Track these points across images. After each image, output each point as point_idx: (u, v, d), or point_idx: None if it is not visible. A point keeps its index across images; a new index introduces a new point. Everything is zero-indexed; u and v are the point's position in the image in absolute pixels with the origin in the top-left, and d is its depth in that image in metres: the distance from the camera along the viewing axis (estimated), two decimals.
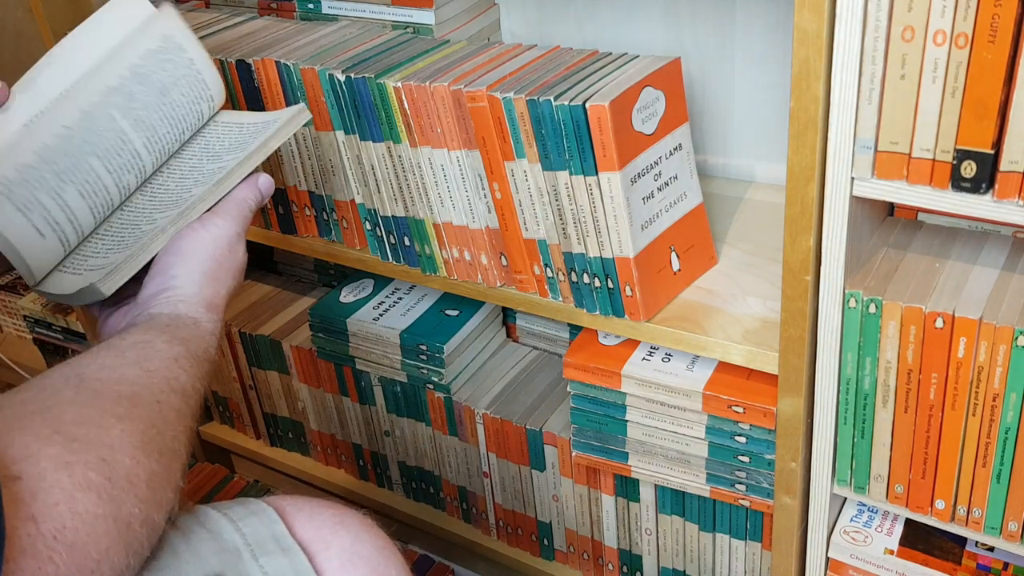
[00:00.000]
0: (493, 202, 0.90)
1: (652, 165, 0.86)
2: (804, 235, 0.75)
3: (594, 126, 0.80)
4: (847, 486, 0.85)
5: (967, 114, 0.64)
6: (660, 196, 0.88)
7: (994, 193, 0.65)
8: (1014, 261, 0.78)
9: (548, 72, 0.87)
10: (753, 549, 1.03)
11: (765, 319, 0.87)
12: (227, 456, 1.56)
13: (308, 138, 1.01)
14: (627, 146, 0.82)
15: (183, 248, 0.70)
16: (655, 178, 0.87)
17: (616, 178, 0.82)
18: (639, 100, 0.83)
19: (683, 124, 0.90)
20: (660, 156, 0.87)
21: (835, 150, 0.70)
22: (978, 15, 0.60)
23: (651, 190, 0.87)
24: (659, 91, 0.85)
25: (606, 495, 1.10)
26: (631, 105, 0.82)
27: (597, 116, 0.79)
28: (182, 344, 0.65)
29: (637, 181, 0.84)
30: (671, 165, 0.89)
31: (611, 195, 0.83)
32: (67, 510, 0.49)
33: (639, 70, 0.85)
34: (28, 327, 1.69)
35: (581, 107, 0.79)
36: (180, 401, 0.62)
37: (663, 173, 0.88)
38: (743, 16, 1.02)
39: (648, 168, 0.86)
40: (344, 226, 1.06)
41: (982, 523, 0.78)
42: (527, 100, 0.82)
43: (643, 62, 0.87)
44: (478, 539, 1.27)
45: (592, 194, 0.83)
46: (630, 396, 0.96)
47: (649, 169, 0.86)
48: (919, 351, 0.74)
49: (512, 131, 0.84)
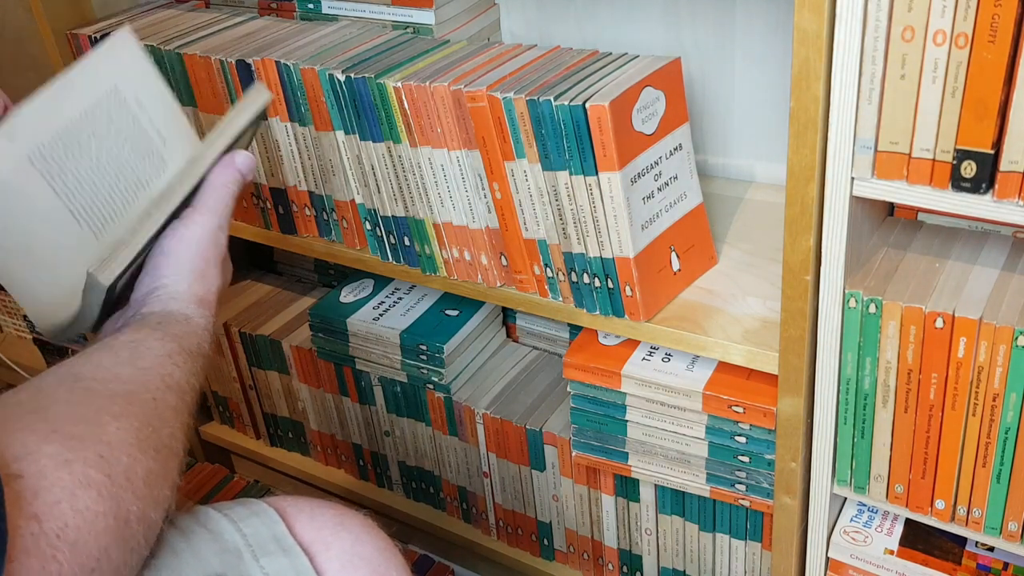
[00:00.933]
0: (493, 202, 0.90)
1: (652, 165, 0.86)
2: (804, 235, 0.75)
3: (594, 126, 0.80)
4: (847, 486, 0.85)
5: (967, 114, 0.64)
6: (660, 196, 0.88)
7: (994, 193, 0.65)
8: (1014, 261, 0.78)
9: (548, 72, 0.87)
10: (753, 549, 1.03)
11: (765, 319, 0.87)
12: (227, 456, 1.56)
13: (308, 138, 1.01)
14: (627, 146, 0.82)
15: (168, 248, 0.70)
16: (655, 178, 0.87)
17: (616, 178, 0.82)
18: (639, 100, 0.83)
19: (683, 124, 0.90)
20: (660, 156, 0.87)
21: (835, 150, 0.70)
22: (978, 15, 0.60)
23: (651, 190, 0.87)
24: (659, 91, 0.85)
25: (606, 495, 1.10)
26: (631, 105, 0.82)
27: (597, 116, 0.79)
28: (175, 341, 0.65)
29: (637, 181, 0.84)
30: (671, 165, 0.89)
31: (611, 195, 0.83)
32: (68, 508, 0.48)
33: (639, 70, 0.85)
34: (28, 327, 1.69)
35: (581, 107, 0.79)
36: (175, 398, 0.62)
37: (663, 173, 0.88)
38: (743, 16, 1.02)
39: (648, 168, 0.86)
40: (344, 226, 1.06)
41: (982, 523, 0.79)
42: (527, 100, 0.82)
43: (643, 62, 0.87)
44: (478, 539, 1.27)
45: (592, 194, 0.83)
46: (630, 396, 0.96)
47: (649, 169, 0.86)
48: (919, 351, 0.74)
49: (512, 131, 0.84)
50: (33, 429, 0.51)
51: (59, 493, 0.49)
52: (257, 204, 1.11)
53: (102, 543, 0.50)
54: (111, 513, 0.51)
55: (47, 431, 0.51)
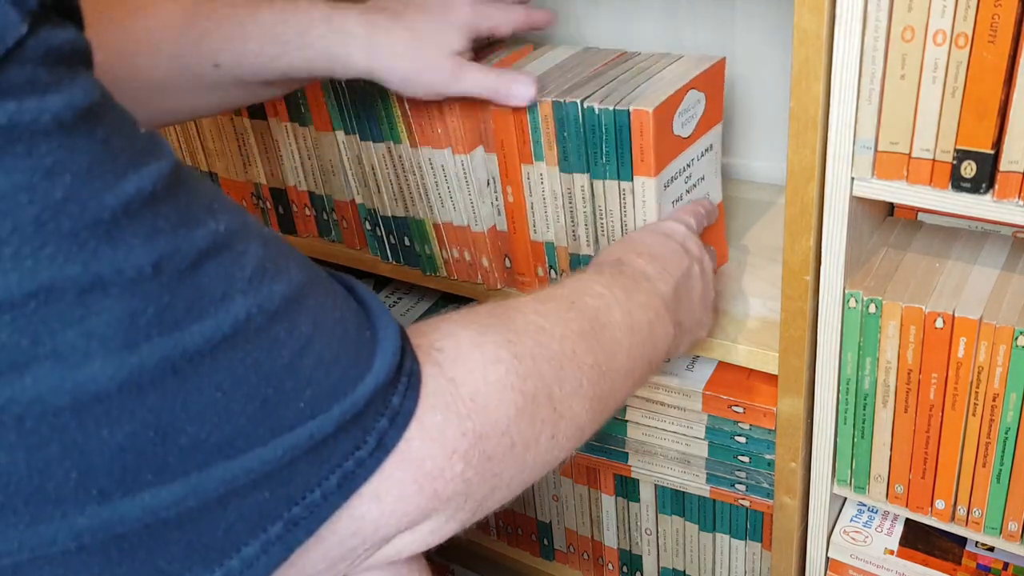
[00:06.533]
0: (504, 204, 0.90)
1: (685, 168, 0.85)
2: (804, 235, 0.75)
3: (635, 131, 0.78)
4: (847, 486, 0.85)
5: (967, 114, 0.64)
6: (687, 198, 0.87)
7: (994, 193, 0.65)
8: (1014, 261, 0.78)
9: (577, 73, 0.85)
10: (753, 549, 1.03)
11: (765, 319, 0.87)
12: None
13: (308, 138, 1.01)
14: (665, 151, 0.80)
15: None
16: (686, 180, 0.86)
17: (651, 183, 0.80)
18: (682, 104, 0.81)
19: (717, 124, 0.88)
20: (693, 158, 0.86)
21: (835, 150, 0.70)
22: (978, 15, 0.60)
23: (680, 193, 0.85)
24: (702, 93, 0.83)
25: (606, 495, 1.10)
26: (674, 109, 0.80)
27: (640, 121, 0.77)
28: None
29: (670, 185, 0.83)
30: (701, 166, 0.87)
31: (643, 199, 0.81)
32: (480, 378, 0.53)
33: (683, 72, 0.82)
34: None
35: (625, 112, 0.77)
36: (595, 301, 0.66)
37: (693, 175, 0.86)
38: (743, 16, 1.02)
39: (681, 171, 0.84)
40: (344, 226, 1.06)
41: (982, 523, 0.79)
42: (553, 102, 0.80)
43: (688, 63, 0.84)
44: (478, 539, 1.27)
45: (624, 199, 0.82)
46: (629, 396, 0.96)
47: (682, 172, 0.84)
48: (919, 351, 0.74)
49: (533, 133, 0.83)
50: (455, 320, 0.57)
51: (473, 364, 0.53)
52: (257, 204, 1.11)
53: (510, 412, 0.54)
54: (517, 387, 0.54)
55: (467, 322, 0.57)
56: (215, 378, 0.41)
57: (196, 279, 0.40)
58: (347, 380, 0.46)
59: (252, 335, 0.42)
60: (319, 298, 0.47)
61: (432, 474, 0.50)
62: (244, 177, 1.09)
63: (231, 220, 0.43)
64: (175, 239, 0.40)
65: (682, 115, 0.81)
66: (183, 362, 0.40)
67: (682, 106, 0.81)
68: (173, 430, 0.40)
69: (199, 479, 0.41)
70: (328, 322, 0.47)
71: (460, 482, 0.51)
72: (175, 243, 0.40)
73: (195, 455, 0.41)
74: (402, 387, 0.49)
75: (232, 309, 0.41)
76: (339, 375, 0.46)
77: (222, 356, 0.41)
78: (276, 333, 0.43)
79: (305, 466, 0.45)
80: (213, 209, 0.43)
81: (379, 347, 0.49)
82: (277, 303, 0.44)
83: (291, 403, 0.44)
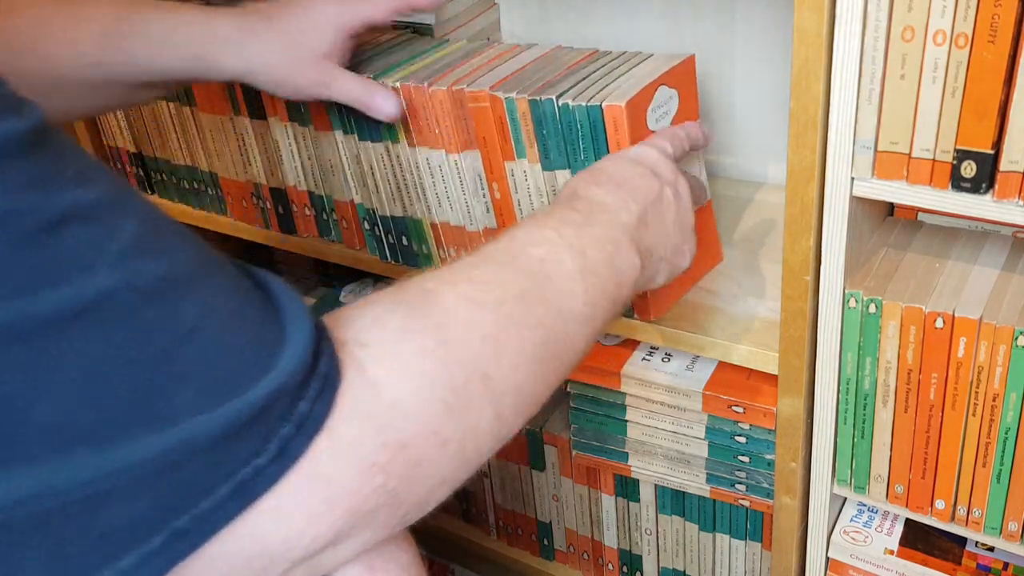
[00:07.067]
0: (492, 202, 0.90)
1: None
2: (804, 235, 0.75)
3: (610, 126, 0.79)
4: (847, 486, 0.85)
5: (967, 114, 0.64)
6: None
7: (994, 193, 0.65)
8: (1014, 261, 0.78)
9: (549, 72, 0.86)
10: (753, 549, 1.03)
11: (765, 319, 0.87)
12: None
13: (308, 138, 1.01)
14: None
15: None
16: None
17: None
18: (654, 99, 0.82)
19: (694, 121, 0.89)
20: None
21: (835, 150, 0.70)
22: (978, 15, 0.60)
23: None
24: (673, 89, 0.84)
25: (606, 495, 1.10)
26: (646, 104, 0.81)
27: (613, 116, 0.78)
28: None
29: None
30: (682, 163, 0.88)
31: None
32: (405, 377, 0.49)
33: (653, 68, 0.84)
34: None
35: (598, 107, 0.78)
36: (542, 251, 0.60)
37: None
38: (743, 16, 1.02)
39: None
40: (343, 226, 1.06)
41: (982, 523, 0.78)
42: (529, 100, 0.81)
43: (658, 60, 0.85)
44: (478, 539, 1.27)
45: None
46: (630, 396, 0.96)
47: None
48: (919, 351, 0.74)
49: (513, 131, 0.84)
50: (382, 302, 0.53)
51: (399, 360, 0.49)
52: (257, 204, 1.11)
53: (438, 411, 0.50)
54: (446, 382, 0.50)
55: (395, 303, 0.52)
56: (71, 353, 0.37)
57: (54, 243, 0.37)
58: (240, 378, 0.42)
59: (118, 312, 0.39)
60: (213, 287, 0.44)
61: (345, 491, 0.45)
62: (244, 177, 1.09)
63: (105, 193, 0.41)
64: (28, 197, 0.37)
65: (655, 111, 0.82)
66: (30, 329, 0.36)
67: (654, 101, 0.82)
68: (21, 406, 0.36)
69: (56, 471, 0.37)
70: (221, 313, 0.43)
71: (382, 494, 0.47)
72: (28, 201, 0.37)
73: (49, 439, 0.37)
74: (313, 392, 0.45)
75: (95, 280, 0.38)
76: (230, 371, 0.42)
77: (79, 329, 0.38)
78: (147, 315, 0.40)
79: (192, 471, 0.40)
80: (85, 179, 0.40)
81: (286, 346, 0.45)
82: (150, 282, 0.40)
83: (168, 396, 0.40)
